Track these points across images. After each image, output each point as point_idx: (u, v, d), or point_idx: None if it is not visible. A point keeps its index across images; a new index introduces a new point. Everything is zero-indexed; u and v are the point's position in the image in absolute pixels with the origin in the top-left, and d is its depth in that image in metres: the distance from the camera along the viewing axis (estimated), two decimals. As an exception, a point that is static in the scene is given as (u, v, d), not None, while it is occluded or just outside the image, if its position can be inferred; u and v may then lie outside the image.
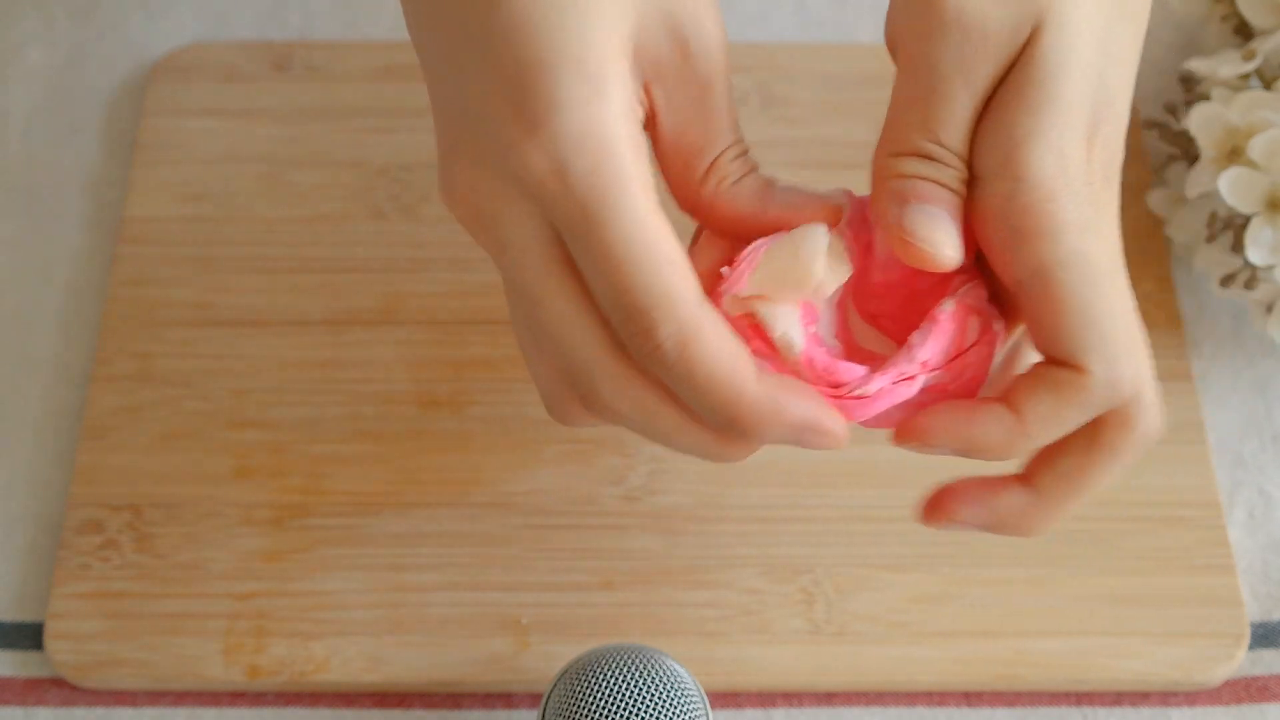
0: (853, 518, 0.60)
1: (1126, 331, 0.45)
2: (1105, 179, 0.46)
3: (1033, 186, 0.44)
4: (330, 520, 0.60)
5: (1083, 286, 0.45)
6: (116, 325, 0.63)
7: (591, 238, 0.43)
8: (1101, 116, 0.46)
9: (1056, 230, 0.45)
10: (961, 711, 0.57)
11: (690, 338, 0.43)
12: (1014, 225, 0.45)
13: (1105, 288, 0.45)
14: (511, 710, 0.57)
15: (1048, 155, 0.45)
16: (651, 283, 0.43)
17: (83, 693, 0.58)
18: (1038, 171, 0.45)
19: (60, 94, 0.70)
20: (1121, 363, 0.45)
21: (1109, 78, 0.46)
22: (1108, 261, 0.46)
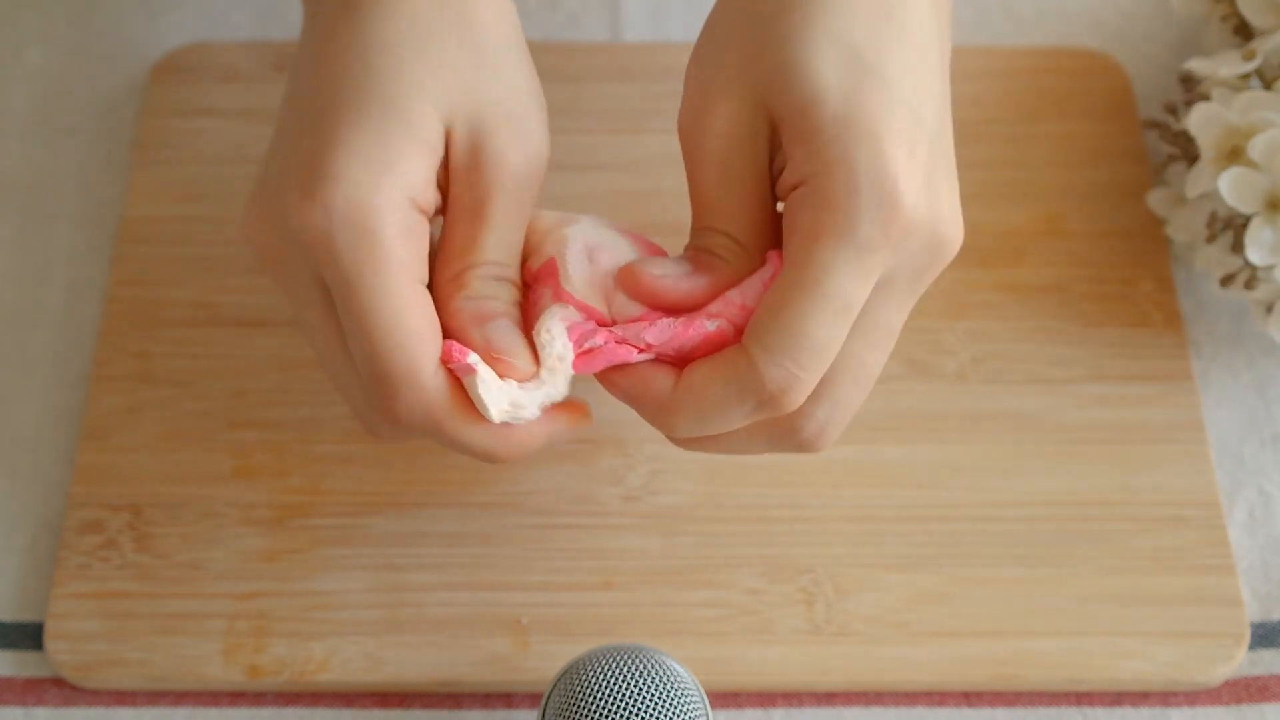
0: (853, 518, 0.60)
1: (808, 348, 0.47)
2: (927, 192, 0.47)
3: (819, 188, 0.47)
4: (330, 520, 0.60)
5: (797, 282, 0.47)
6: (116, 325, 0.63)
7: (346, 306, 0.48)
8: (916, 139, 0.47)
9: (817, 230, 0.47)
10: (961, 711, 0.57)
11: (428, 412, 0.48)
12: (790, 224, 0.48)
13: (815, 299, 0.46)
14: (511, 710, 0.57)
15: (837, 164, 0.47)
16: (393, 355, 0.48)
17: (83, 693, 0.58)
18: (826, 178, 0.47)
19: (60, 94, 0.70)
20: (781, 365, 0.46)
21: (903, 95, 0.47)
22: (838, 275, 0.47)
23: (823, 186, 0.46)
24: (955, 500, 0.60)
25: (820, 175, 0.46)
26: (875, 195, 0.46)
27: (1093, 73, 0.70)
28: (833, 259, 0.46)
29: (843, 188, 0.46)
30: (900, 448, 0.61)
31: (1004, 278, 0.65)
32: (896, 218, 0.46)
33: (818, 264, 0.46)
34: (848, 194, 0.46)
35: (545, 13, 0.72)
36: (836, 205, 0.46)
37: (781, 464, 0.60)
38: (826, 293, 0.46)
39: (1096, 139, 0.68)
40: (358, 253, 0.47)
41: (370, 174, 0.47)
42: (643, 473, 0.60)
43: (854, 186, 0.46)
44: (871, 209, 0.46)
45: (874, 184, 0.46)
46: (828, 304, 0.46)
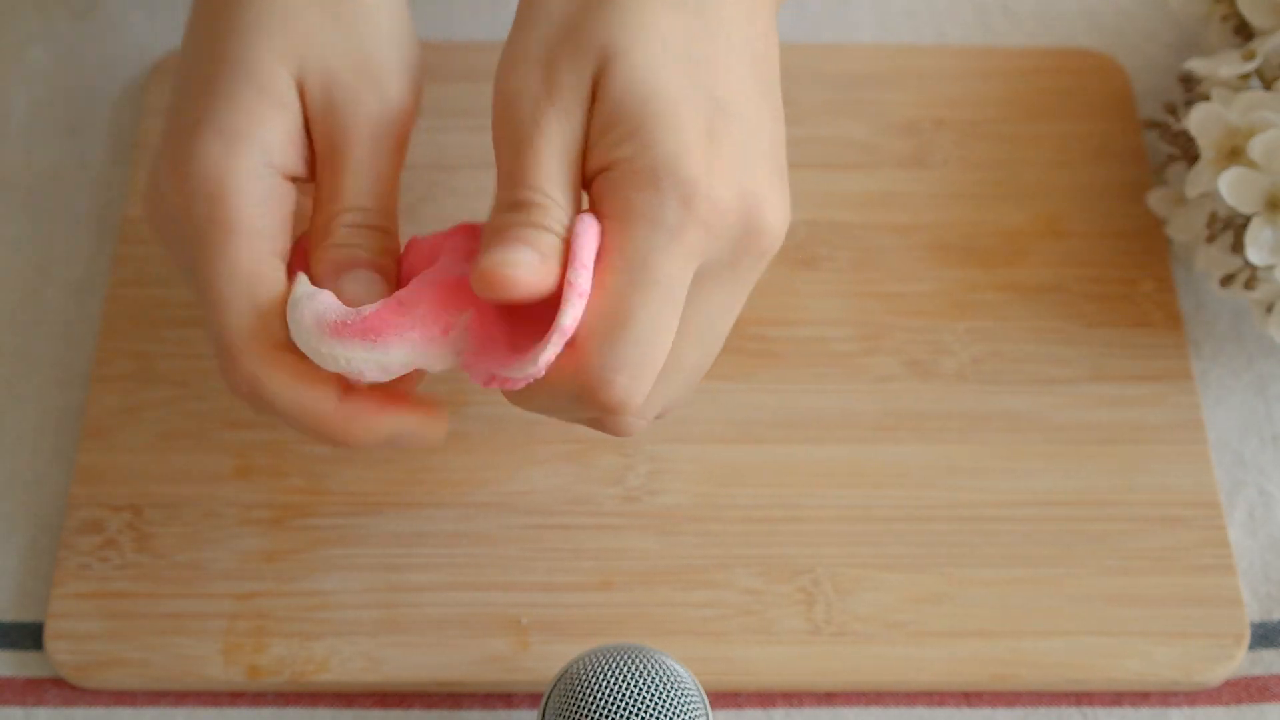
0: (853, 518, 0.60)
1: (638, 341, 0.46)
2: (727, 175, 0.47)
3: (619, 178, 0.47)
4: (330, 520, 0.60)
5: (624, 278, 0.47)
6: (116, 325, 0.63)
7: (198, 275, 0.50)
8: (715, 122, 0.48)
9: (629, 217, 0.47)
10: (961, 711, 0.57)
11: (263, 378, 0.49)
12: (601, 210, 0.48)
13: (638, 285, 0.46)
14: (511, 710, 0.57)
15: (639, 156, 0.47)
16: (236, 324, 0.49)
17: (83, 693, 0.58)
18: (628, 169, 0.47)
19: (60, 94, 0.70)
20: (618, 369, 0.46)
21: (711, 88, 0.48)
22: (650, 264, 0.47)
23: (626, 172, 0.47)
24: (955, 500, 0.60)
25: (623, 161, 0.47)
26: (675, 177, 0.46)
27: (1093, 73, 0.70)
28: (646, 245, 0.46)
29: (646, 173, 0.46)
30: (900, 448, 0.61)
31: (1004, 278, 0.65)
32: (697, 199, 0.46)
33: (632, 252, 0.46)
34: (650, 179, 0.46)
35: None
36: (640, 191, 0.46)
37: (781, 464, 0.60)
38: (645, 281, 0.46)
39: (1096, 139, 0.68)
40: (210, 224, 0.49)
41: (225, 143, 0.49)
42: (642, 473, 0.60)
43: (655, 172, 0.46)
44: (674, 193, 0.46)
45: (673, 167, 0.46)
46: (648, 294, 0.46)
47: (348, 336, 0.48)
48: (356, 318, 0.48)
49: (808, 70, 0.70)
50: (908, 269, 0.65)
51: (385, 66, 0.52)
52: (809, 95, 0.69)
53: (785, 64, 0.70)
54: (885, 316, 0.64)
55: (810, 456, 0.61)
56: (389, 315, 0.48)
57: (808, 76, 0.70)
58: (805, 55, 0.70)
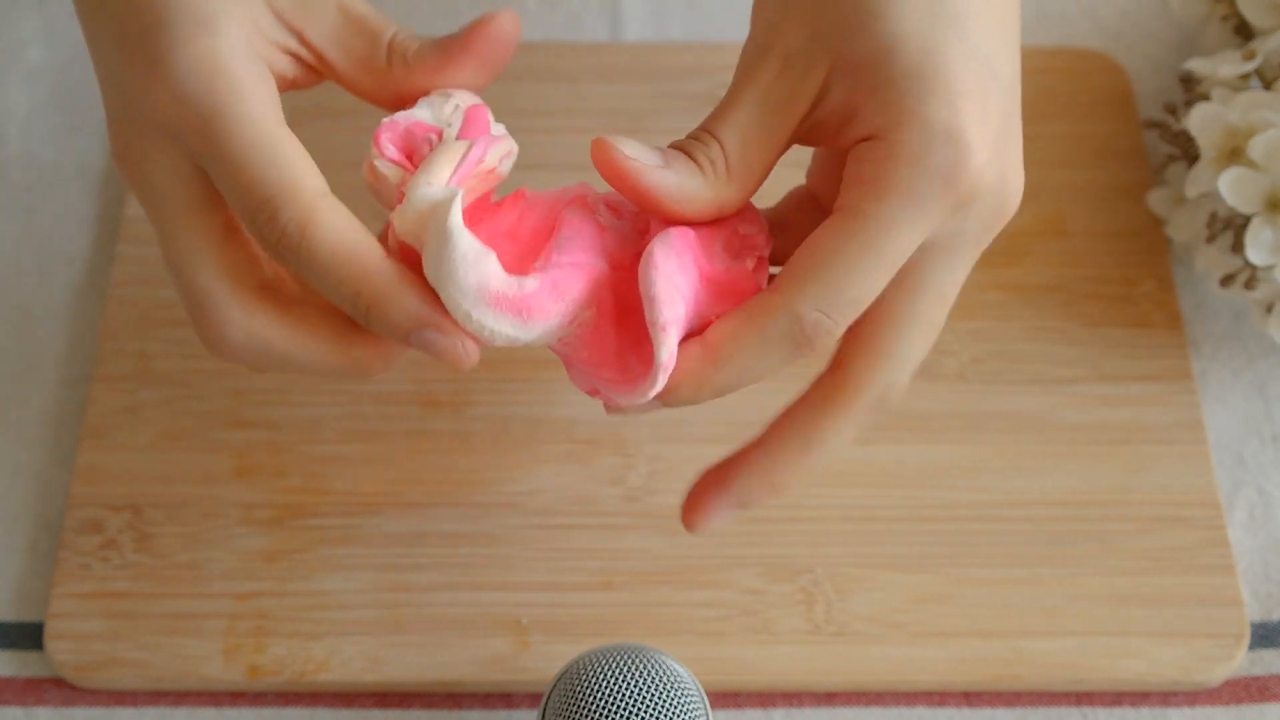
0: (853, 518, 0.60)
1: (852, 300, 0.45)
2: (999, 152, 0.46)
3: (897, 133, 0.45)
4: (330, 520, 0.60)
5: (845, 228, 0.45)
6: (116, 325, 0.63)
7: (215, 147, 0.46)
8: (990, 94, 0.46)
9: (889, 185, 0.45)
10: (961, 711, 0.57)
11: (310, 219, 0.46)
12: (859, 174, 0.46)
13: (871, 254, 0.45)
14: (511, 710, 0.57)
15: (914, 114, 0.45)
16: (271, 176, 0.46)
17: (83, 693, 0.58)
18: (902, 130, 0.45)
19: (60, 93, 0.70)
20: (822, 312, 0.45)
21: (990, 60, 0.46)
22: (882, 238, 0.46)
23: (893, 141, 0.45)
24: (955, 500, 0.60)
25: (891, 129, 0.45)
26: (946, 156, 0.44)
27: (1093, 73, 0.70)
28: (896, 215, 0.45)
29: (915, 143, 0.44)
30: (900, 448, 0.61)
31: (1004, 278, 0.65)
32: (965, 177, 0.44)
33: (880, 217, 0.45)
34: (920, 150, 0.44)
35: (545, 13, 0.72)
36: (905, 160, 0.44)
37: (781, 464, 0.60)
38: (883, 249, 0.45)
39: (1096, 139, 0.68)
40: (212, 95, 0.47)
41: (203, 32, 0.47)
42: (643, 473, 0.60)
43: (926, 143, 0.44)
44: (940, 170, 0.44)
45: (946, 144, 0.44)
46: (881, 260, 0.45)
47: (502, 310, 0.46)
48: (518, 292, 0.46)
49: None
50: (908, 269, 0.65)
51: None
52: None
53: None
54: (885, 316, 0.64)
55: (810, 456, 0.61)
56: (545, 298, 0.47)
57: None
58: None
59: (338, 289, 0.47)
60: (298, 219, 0.46)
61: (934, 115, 0.44)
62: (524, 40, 0.71)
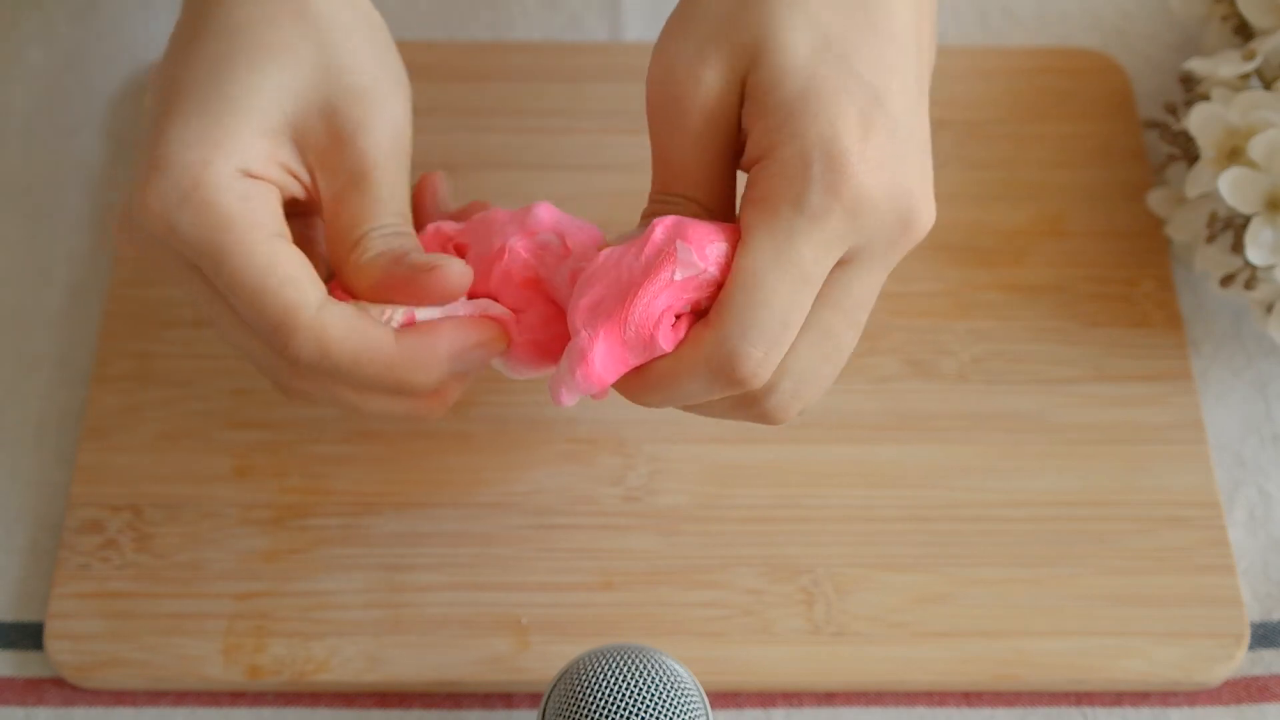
0: (853, 518, 0.60)
1: (771, 321, 0.47)
2: (880, 170, 0.48)
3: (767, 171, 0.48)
4: (330, 520, 0.60)
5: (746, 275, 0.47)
6: (116, 325, 0.63)
7: (216, 278, 0.49)
8: (871, 115, 0.48)
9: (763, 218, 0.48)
10: (961, 711, 0.57)
11: (323, 337, 0.49)
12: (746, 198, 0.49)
13: (774, 268, 0.47)
14: (511, 710, 0.57)
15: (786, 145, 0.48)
16: (272, 305, 0.48)
17: (83, 693, 0.58)
18: (774, 160, 0.48)
19: (60, 94, 0.70)
20: (749, 342, 0.47)
21: (870, 82, 0.48)
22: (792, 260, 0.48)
23: (778, 159, 0.47)
24: (955, 500, 0.60)
25: (776, 148, 0.48)
26: (825, 166, 0.47)
27: (1093, 73, 0.70)
28: (788, 228, 0.47)
29: (795, 159, 0.47)
30: (900, 448, 0.61)
31: (1004, 277, 0.65)
32: (847, 189, 0.47)
33: (774, 233, 0.47)
34: (800, 165, 0.47)
35: (545, 13, 0.72)
36: (788, 176, 0.47)
37: (781, 464, 0.60)
38: (784, 261, 0.47)
39: (1096, 139, 0.68)
40: (201, 228, 0.49)
41: (197, 155, 0.49)
42: (643, 473, 0.60)
43: (805, 158, 0.47)
44: (821, 179, 0.47)
45: (824, 156, 0.47)
46: (785, 273, 0.47)
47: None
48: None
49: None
50: (908, 269, 0.64)
51: (384, 93, 0.52)
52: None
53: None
54: (886, 316, 0.63)
55: (810, 456, 0.61)
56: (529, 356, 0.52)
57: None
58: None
59: (377, 384, 0.50)
60: (312, 341, 0.49)
61: (810, 131, 0.47)
62: (524, 40, 0.71)
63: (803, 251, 0.47)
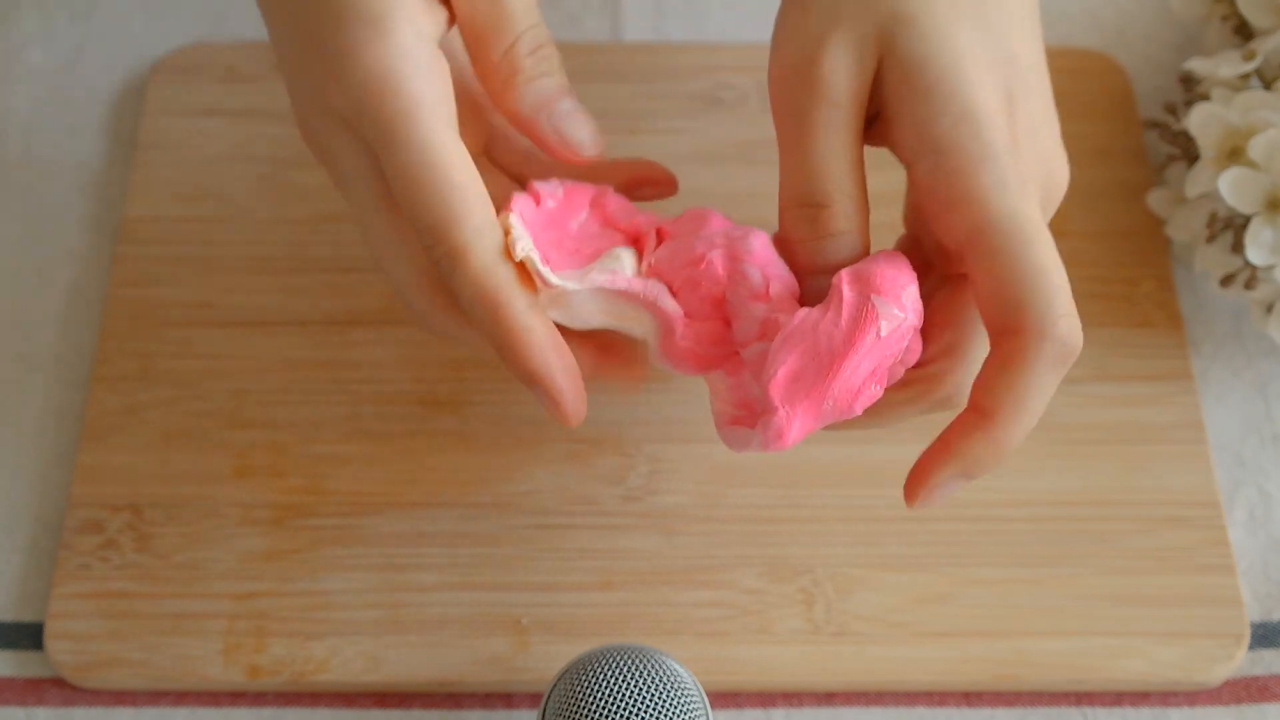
0: (853, 518, 0.60)
1: (1059, 282, 0.47)
2: (1032, 135, 0.48)
3: (951, 155, 0.47)
4: (330, 520, 0.60)
5: (1016, 245, 0.46)
6: (116, 325, 0.63)
7: (388, 165, 0.48)
8: (1013, 81, 0.48)
9: (983, 194, 0.46)
10: (961, 711, 0.57)
11: (461, 256, 0.47)
12: (942, 196, 0.47)
13: (1038, 245, 0.47)
14: (511, 710, 0.57)
15: (959, 125, 0.47)
16: (435, 202, 0.47)
17: (83, 693, 0.58)
18: (953, 141, 0.47)
19: (60, 94, 0.70)
20: (1057, 312, 0.47)
21: (1007, 45, 0.48)
22: (1037, 220, 0.48)
23: (959, 144, 0.46)
24: (955, 500, 0.60)
25: (949, 134, 0.47)
26: (1006, 144, 0.46)
27: (1093, 73, 0.70)
28: (1026, 209, 0.46)
29: (975, 142, 0.46)
30: (900, 448, 0.61)
31: (1004, 278, 0.65)
32: (1028, 159, 0.47)
33: (1025, 217, 0.46)
34: (984, 147, 0.46)
35: (545, 13, 0.72)
36: (987, 160, 0.46)
37: (781, 464, 0.60)
38: (1043, 234, 0.47)
39: (1096, 139, 0.68)
40: (383, 113, 0.47)
41: (375, 35, 0.48)
42: (643, 473, 0.60)
43: (985, 139, 0.46)
44: (1007, 155, 0.47)
45: (994, 132, 0.46)
46: (1048, 242, 0.47)
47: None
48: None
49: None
50: (908, 269, 0.65)
51: None
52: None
53: (785, 64, 0.70)
54: (885, 316, 0.63)
55: (810, 456, 0.61)
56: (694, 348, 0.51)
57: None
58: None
59: (478, 324, 0.49)
60: (449, 253, 0.48)
61: (977, 110, 0.46)
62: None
63: (1038, 219, 0.47)
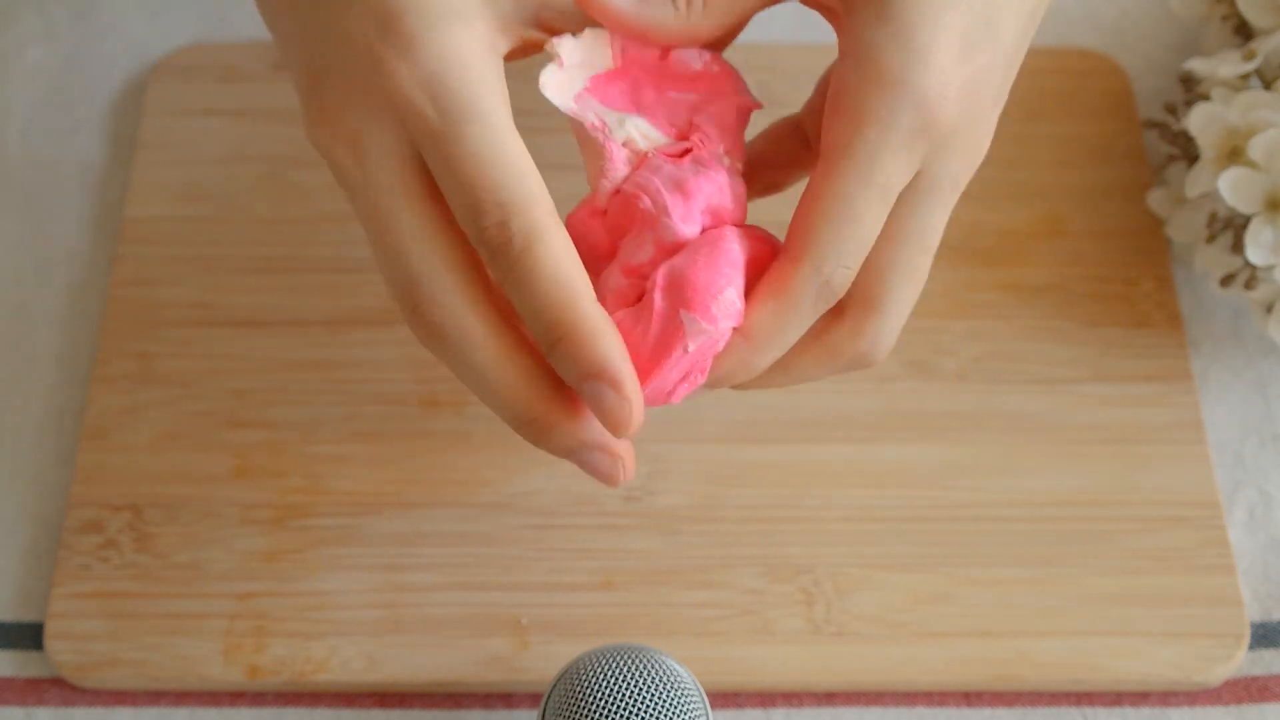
0: (853, 518, 0.60)
1: (849, 232, 0.46)
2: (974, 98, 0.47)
3: (862, 63, 0.46)
4: (330, 520, 0.60)
5: (836, 173, 0.46)
6: (116, 325, 0.63)
7: (455, 145, 0.45)
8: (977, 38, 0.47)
9: (855, 116, 0.46)
10: (961, 711, 0.57)
11: (539, 236, 0.45)
12: (831, 99, 0.47)
13: (850, 180, 0.46)
14: (511, 710, 0.57)
15: (891, 41, 0.46)
16: (509, 181, 0.45)
17: (83, 693, 0.58)
18: (875, 51, 0.46)
19: (60, 94, 0.70)
20: (823, 252, 0.46)
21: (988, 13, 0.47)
22: (887, 167, 0.46)
23: (872, 61, 0.46)
24: (955, 500, 0.60)
25: (874, 47, 0.46)
26: (920, 85, 0.46)
27: (1093, 73, 0.70)
28: (879, 143, 0.46)
29: (892, 71, 0.46)
30: (900, 448, 0.61)
31: (1004, 277, 0.65)
32: (936, 112, 0.46)
33: (859, 151, 0.46)
34: (895, 79, 0.45)
35: (545, 13, 0.72)
36: (883, 86, 0.46)
37: (781, 464, 0.60)
38: (873, 180, 0.46)
39: (1096, 139, 0.68)
40: (463, 92, 0.46)
41: (457, 21, 0.46)
42: (643, 473, 0.60)
43: (901, 71, 0.45)
44: (912, 98, 0.46)
45: (922, 70, 0.45)
46: (874, 192, 0.46)
47: None
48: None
49: (808, 71, 0.69)
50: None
51: None
52: (809, 95, 0.69)
53: (785, 64, 0.70)
54: (885, 316, 0.64)
55: (810, 456, 0.61)
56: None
57: (807, 77, 0.69)
58: (806, 55, 0.69)
59: (539, 311, 0.45)
60: (526, 231, 0.45)
61: (914, 43, 0.45)
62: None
63: (888, 170, 0.46)
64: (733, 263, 0.47)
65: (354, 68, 0.47)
